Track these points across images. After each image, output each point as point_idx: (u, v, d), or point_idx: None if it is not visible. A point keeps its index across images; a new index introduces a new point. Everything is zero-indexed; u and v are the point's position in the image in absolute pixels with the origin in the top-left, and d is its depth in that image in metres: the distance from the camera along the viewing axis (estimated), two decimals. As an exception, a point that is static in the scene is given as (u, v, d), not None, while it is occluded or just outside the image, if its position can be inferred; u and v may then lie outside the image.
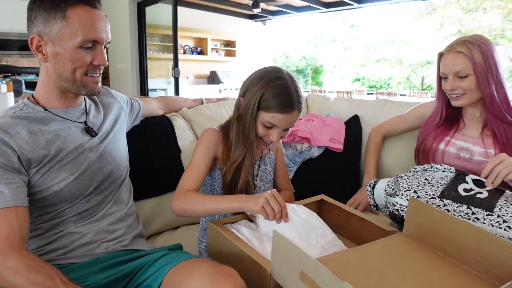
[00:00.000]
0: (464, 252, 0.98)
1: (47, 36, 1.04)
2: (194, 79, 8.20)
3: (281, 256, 0.85)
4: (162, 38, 7.07)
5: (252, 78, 1.25)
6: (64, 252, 1.09)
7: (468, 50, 1.38)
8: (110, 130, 1.25)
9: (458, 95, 1.44)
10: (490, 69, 1.37)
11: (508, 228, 1.05)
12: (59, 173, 1.07)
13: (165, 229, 1.64)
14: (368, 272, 0.92)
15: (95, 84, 1.13)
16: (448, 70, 1.43)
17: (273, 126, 1.23)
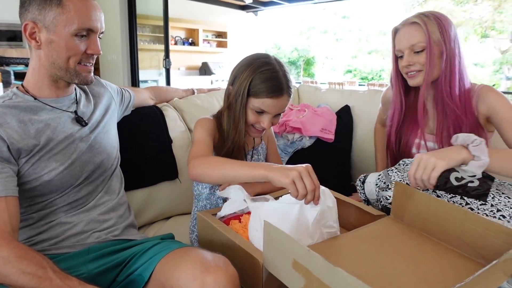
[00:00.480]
0: (450, 233, 1.00)
1: (42, 23, 1.03)
2: (186, 70, 8.15)
3: (273, 246, 0.85)
4: (153, 29, 7.01)
5: (240, 66, 1.25)
6: (55, 242, 1.08)
7: (423, 22, 1.30)
8: (100, 120, 1.24)
9: (415, 71, 1.35)
10: (446, 43, 1.30)
11: (503, 217, 1.06)
12: (49, 163, 1.06)
13: (156, 219, 1.65)
14: (359, 257, 0.93)
15: (88, 73, 1.13)
16: (403, 45, 1.34)
17: (263, 112, 1.23)
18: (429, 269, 0.90)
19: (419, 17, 1.32)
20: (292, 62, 15.48)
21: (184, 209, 1.69)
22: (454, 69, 1.32)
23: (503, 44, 12.04)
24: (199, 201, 1.36)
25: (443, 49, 1.30)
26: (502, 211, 1.07)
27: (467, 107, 1.35)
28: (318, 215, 0.98)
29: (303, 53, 15.38)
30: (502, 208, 1.08)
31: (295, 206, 0.96)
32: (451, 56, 1.31)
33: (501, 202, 1.09)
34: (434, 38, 1.29)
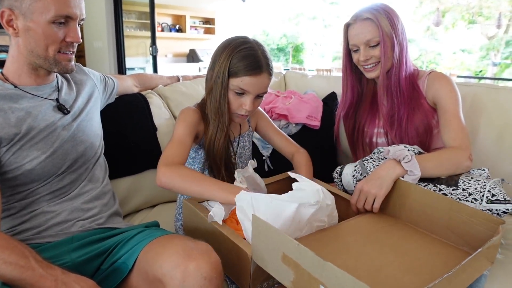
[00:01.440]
0: (435, 223, 1.01)
1: (18, 10, 1.01)
2: (173, 58, 8.08)
3: (261, 239, 0.85)
4: (139, 15, 6.92)
5: (218, 49, 1.23)
6: (38, 231, 1.08)
7: (375, 17, 1.34)
8: (83, 108, 1.22)
9: (373, 64, 1.39)
10: (396, 36, 1.35)
11: (474, 200, 1.10)
12: (30, 152, 1.05)
13: (142, 208, 1.64)
14: (347, 249, 0.94)
15: (68, 61, 1.10)
16: (358, 40, 1.38)
17: (244, 92, 1.20)
18: (416, 259, 0.91)
19: (371, 12, 1.35)
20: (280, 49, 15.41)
21: (169, 197, 1.68)
22: (403, 59, 1.39)
23: (490, 30, 12.09)
24: None
25: (394, 42, 1.36)
26: (474, 195, 1.10)
27: (414, 91, 1.41)
28: (315, 212, 0.98)
29: (291, 40, 15.32)
30: (473, 192, 1.11)
31: (293, 204, 0.95)
32: (401, 48, 1.38)
33: (472, 185, 1.12)
34: (387, 32, 1.35)
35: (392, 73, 1.39)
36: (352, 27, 1.40)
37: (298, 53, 15.44)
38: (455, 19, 12.53)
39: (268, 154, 1.82)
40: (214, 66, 1.22)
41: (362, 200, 1.15)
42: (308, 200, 0.97)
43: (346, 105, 1.56)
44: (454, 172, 1.20)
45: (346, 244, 0.97)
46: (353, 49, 1.43)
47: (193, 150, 1.33)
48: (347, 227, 1.06)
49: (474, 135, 1.53)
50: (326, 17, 14.89)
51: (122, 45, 6.08)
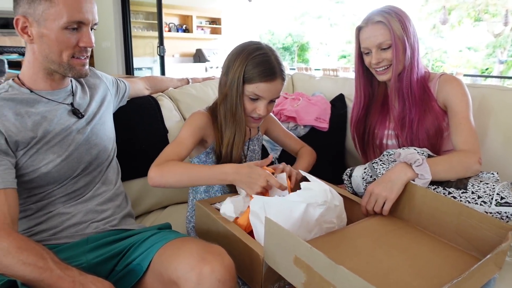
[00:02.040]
0: (444, 227, 1.02)
1: (32, 17, 1.03)
2: (180, 58, 8.11)
3: (274, 241, 0.86)
4: (146, 16, 6.96)
5: (232, 54, 1.25)
6: (54, 232, 1.10)
7: (387, 20, 1.34)
8: (96, 112, 1.25)
9: (385, 67, 1.40)
10: (408, 39, 1.36)
11: (483, 203, 1.10)
12: (46, 155, 1.07)
13: (153, 209, 1.66)
14: (357, 252, 0.95)
15: (82, 66, 1.12)
16: (370, 43, 1.39)
17: (258, 97, 1.23)
18: (425, 263, 0.92)
19: (382, 15, 1.36)
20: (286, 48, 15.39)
21: (180, 198, 1.70)
22: (414, 62, 1.39)
23: (496, 28, 12.02)
24: (197, 193, 1.38)
25: (406, 44, 1.36)
26: (483, 197, 1.11)
27: (425, 93, 1.41)
28: (323, 212, 0.99)
29: (297, 39, 15.30)
30: (482, 194, 1.12)
31: (302, 204, 0.97)
32: (412, 50, 1.38)
33: (481, 188, 1.13)
34: (398, 35, 1.35)
35: (404, 75, 1.40)
36: (363, 30, 1.41)
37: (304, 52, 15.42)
38: (461, 16, 12.46)
39: (277, 156, 1.83)
40: (228, 71, 1.24)
41: (372, 202, 1.16)
42: (316, 200, 0.99)
43: (360, 107, 1.57)
44: (464, 175, 1.21)
45: (356, 246, 0.98)
46: (364, 52, 1.44)
47: (203, 154, 1.34)
48: (356, 229, 1.07)
49: (482, 137, 1.53)
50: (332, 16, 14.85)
51: (129, 45, 6.12)
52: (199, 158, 1.35)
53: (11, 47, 3.62)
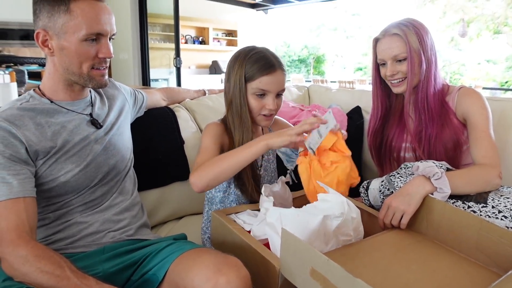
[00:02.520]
0: (464, 242, 1.00)
1: (52, 30, 1.05)
2: (196, 69, 8.18)
3: (290, 253, 0.86)
4: (163, 28, 7.05)
5: (230, 62, 1.29)
6: (71, 241, 1.11)
7: (403, 33, 1.35)
8: (114, 122, 1.26)
9: (400, 79, 1.40)
10: (424, 52, 1.36)
11: (504, 218, 1.08)
12: (65, 165, 1.08)
13: (169, 219, 1.67)
14: (374, 265, 0.94)
15: (102, 77, 1.14)
16: (386, 55, 1.39)
17: (264, 92, 1.25)
18: (445, 278, 0.90)
19: (399, 27, 1.37)
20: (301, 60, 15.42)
21: (195, 209, 1.70)
22: (430, 75, 1.39)
23: (516, 40, 11.88)
24: (213, 204, 1.38)
25: (422, 58, 1.36)
26: (503, 212, 1.09)
27: (443, 108, 1.41)
28: (340, 224, 0.99)
29: (313, 51, 15.32)
30: (503, 209, 1.10)
31: (318, 216, 0.96)
32: (429, 64, 1.38)
33: (501, 203, 1.11)
34: (414, 48, 1.35)
35: (419, 89, 1.39)
36: (380, 41, 1.42)
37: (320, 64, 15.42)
38: (479, 29, 12.35)
39: (292, 168, 1.83)
40: (229, 78, 1.27)
41: (390, 215, 1.14)
42: (333, 212, 0.98)
43: (377, 118, 1.56)
44: (484, 190, 1.19)
45: (373, 260, 0.97)
46: (380, 63, 1.44)
47: None
48: (373, 242, 1.06)
49: (502, 151, 1.51)
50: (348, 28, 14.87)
51: (146, 56, 6.19)
52: None
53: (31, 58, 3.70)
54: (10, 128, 1.00)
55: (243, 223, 1.14)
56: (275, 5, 9.01)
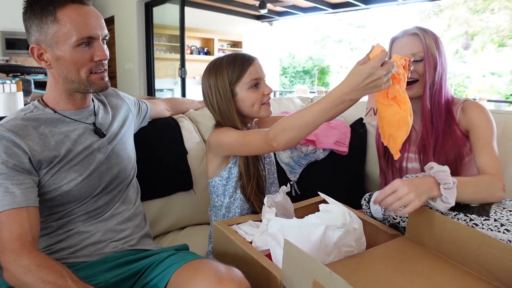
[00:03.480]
0: (466, 256, 0.99)
1: (45, 43, 1.06)
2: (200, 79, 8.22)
3: (292, 265, 0.86)
4: (169, 38, 7.11)
5: (204, 79, 1.35)
6: (73, 251, 1.11)
7: (422, 34, 1.36)
8: (118, 131, 1.27)
9: (413, 80, 1.36)
10: (439, 58, 1.36)
11: (507, 231, 1.07)
12: (68, 174, 1.09)
13: (171, 229, 1.67)
14: (377, 278, 0.94)
15: (102, 80, 1.14)
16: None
17: (257, 81, 1.30)
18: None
19: (419, 29, 1.38)
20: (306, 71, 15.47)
21: (198, 220, 1.71)
22: (443, 82, 1.39)
23: (521, 54, 11.88)
24: (219, 210, 1.39)
25: (437, 62, 1.36)
26: (506, 226, 1.08)
27: (450, 116, 1.40)
28: (342, 235, 0.98)
29: (317, 62, 15.38)
30: (505, 222, 1.09)
31: (320, 227, 0.96)
32: (442, 71, 1.38)
33: (504, 216, 1.10)
34: (432, 51, 1.35)
35: (433, 93, 1.38)
36: (398, 40, 1.41)
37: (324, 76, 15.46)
38: (484, 42, 12.37)
39: (295, 179, 1.83)
40: (210, 90, 1.32)
41: (395, 198, 1.08)
42: (335, 222, 0.98)
43: None
44: (487, 201, 1.18)
45: (375, 272, 0.96)
46: None
47: (225, 171, 1.35)
48: (376, 254, 1.05)
49: (505, 164, 1.50)
50: (353, 40, 14.93)
51: (152, 67, 6.24)
52: (221, 176, 1.36)
53: (37, 68, 3.73)
54: (13, 138, 1.01)
55: (245, 234, 1.14)
56: (280, 17, 9.08)
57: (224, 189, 1.37)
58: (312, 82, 15.32)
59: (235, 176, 1.34)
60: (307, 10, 8.42)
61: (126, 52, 6.46)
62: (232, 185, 1.35)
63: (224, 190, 1.37)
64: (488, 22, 12.05)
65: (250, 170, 1.33)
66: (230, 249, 1.09)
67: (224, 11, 8.25)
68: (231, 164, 1.34)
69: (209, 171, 1.38)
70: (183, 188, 1.64)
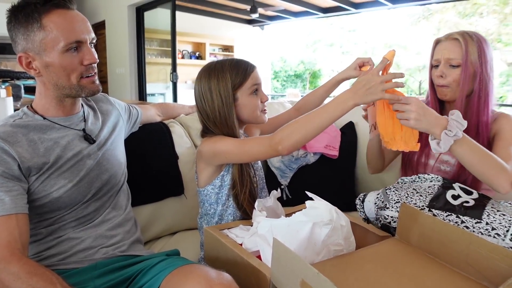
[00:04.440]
0: (455, 256, 1.00)
1: (32, 51, 1.05)
2: (192, 84, 8.20)
3: (281, 264, 0.86)
4: (160, 43, 7.10)
5: (204, 80, 1.30)
6: (63, 257, 1.11)
7: (465, 41, 1.34)
8: (108, 137, 1.27)
9: (446, 85, 1.38)
10: (481, 66, 1.34)
11: (497, 235, 1.08)
12: (58, 180, 1.09)
13: (162, 235, 1.66)
14: (365, 278, 0.94)
15: (93, 83, 1.14)
16: (441, 55, 1.38)
17: (257, 87, 1.31)
18: (435, 292, 0.90)
19: (462, 35, 1.35)
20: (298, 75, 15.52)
21: (189, 225, 1.70)
22: (489, 91, 1.36)
23: (509, 56, 12.02)
24: (213, 218, 1.37)
25: (478, 70, 1.34)
26: (497, 230, 1.09)
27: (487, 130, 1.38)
28: (329, 232, 0.99)
29: (309, 66, 15.44)
30: (497, 226, 1.09)
31: (308, 224, 0.97)
32: (486, 79, 1.35)
33: (496, 220, 1.11)
34: (472, 59, 1.33)
35: (475, 102, 1.37)
36: (441, 43, 1.41)
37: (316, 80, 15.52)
38: (473, 45, 12.46)
39: (286, 183, 1.84)
40: (210, 93, 1.28)
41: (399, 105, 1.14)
42: (322, 219, 0.99)
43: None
44: (487, 181, 1.18)
45: (364, 272, 0.97)
46: (434, 64, 1.43)
47: (218, 179, 1.33)
48: (365, 254, 1.06)
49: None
50: (344, 44, 15.00)
51: (143, 71, 6.23)
52: (213, 185, 1.34)
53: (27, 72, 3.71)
54: (2, 145, 1.00)
55: (236, 237, 1.14)
56: (272, 21, 9.11)
57: (217, 197, 1.35)
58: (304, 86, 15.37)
59: (228, 184, 1.33)
60: (298, 14, 8.47)
61: (117, 56, 6.44)
62: (225, 193, 1.34)
63: (217, 198, 1.35)
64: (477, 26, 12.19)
65: (244, 177, 1.31)
66: (221, 253, 1.10)
67: (216, 16, 8.28)
68: (223, 171, 1.33)
69: (201, 180, 1.35)
70: (174, 193, 1.64)
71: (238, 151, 1.23)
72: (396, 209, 1.23)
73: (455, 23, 12.17)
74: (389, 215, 1.24)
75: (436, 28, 12.67)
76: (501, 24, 11.81)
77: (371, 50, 14.43)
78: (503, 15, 11.52)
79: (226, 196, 1.34)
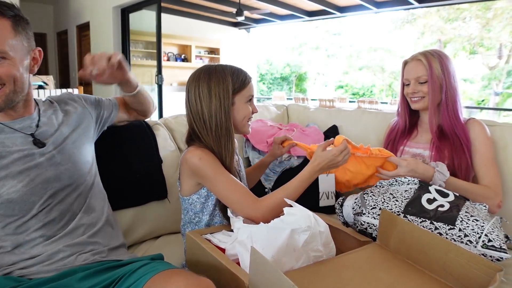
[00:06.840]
0: (433, 262, 1.02)
1: None
2: (178, 86, 8.19)
3: (259, 273, 0.86)
4: (146, 45, 7.07)
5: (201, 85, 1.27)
6: (41, 266, 1.08)
7: (427, 59, 1.53)
8: (68, 136, 1.23)
9: (418, 98, 1.57)
10: (445, 78, 1.51)
11: (469, 242, 1.11)
12: (6, 181, 1.07)
13: (146, 239, 1.65)
14: (343, 285, 0.95)
15: None
16: (410, 76, 1.58)
17: (251, 97, 1.33)
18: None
19: (424, 54, 1.56)
20: (284, 78, 15.58)
21: (173, 228, 1.69)
22: (455, 98, 1.54)
23: (491, 60, 12.25)
24: (198, 227, 1.34)
25: (443, 83, 1.52)
26: (469, 237, 1.12)
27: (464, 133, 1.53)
28: (308, 238, 1.00)
29: (295, 69, 15.52)
30: (470, 233, 1.13)
31: (285, 231, 0.98)
32: (452, 89, 1.53)
33: (469, 226, 1.14)
34: (436, 73, 1.52)
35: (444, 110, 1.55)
36: (408, 64, 1.61)
37: (302, 82, 15.60)
38: (456, 49, 12.70)
39: (270, 186, 1.84)
40: (209, 95, 1.25)
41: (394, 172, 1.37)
42: (300, 225, 1.00)
43: (395, 129, 1.74)
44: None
45: (343, 279, 0.97)
46: (405, 83, 1.62)
47: (204, 189, 1.30)
48: (345, 261, 1.06)
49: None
50: (329, 47, 15.11)
51: (128, 73, 6.16)
52: (199, 194, 1.31)
53: None
54: None
55: (219, 242, 1.14)
56: (257, 24, 9.13)
57: (202, 207, 1.32)
58: (290, 88, 15.44)
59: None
60: (284, 17, 8.50)
61: (102, 58, 6.37)
62: (212, 203, 1.31)
63: (202, 207, 1.32)
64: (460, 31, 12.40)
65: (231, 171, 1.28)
66: (202, 258, 1.09)
67: (202, 18, 8.27)
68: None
69: (185, 189, 1.32)
70: (157, 197, 1.63)
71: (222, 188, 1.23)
72: (373, 215, 1.25)
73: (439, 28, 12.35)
74: (365, 221, 1.26)
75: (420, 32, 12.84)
76: (483, 29, 12.03)
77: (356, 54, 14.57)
78: (485, 20, 11.74)
79: (213, 206, 1.31)
